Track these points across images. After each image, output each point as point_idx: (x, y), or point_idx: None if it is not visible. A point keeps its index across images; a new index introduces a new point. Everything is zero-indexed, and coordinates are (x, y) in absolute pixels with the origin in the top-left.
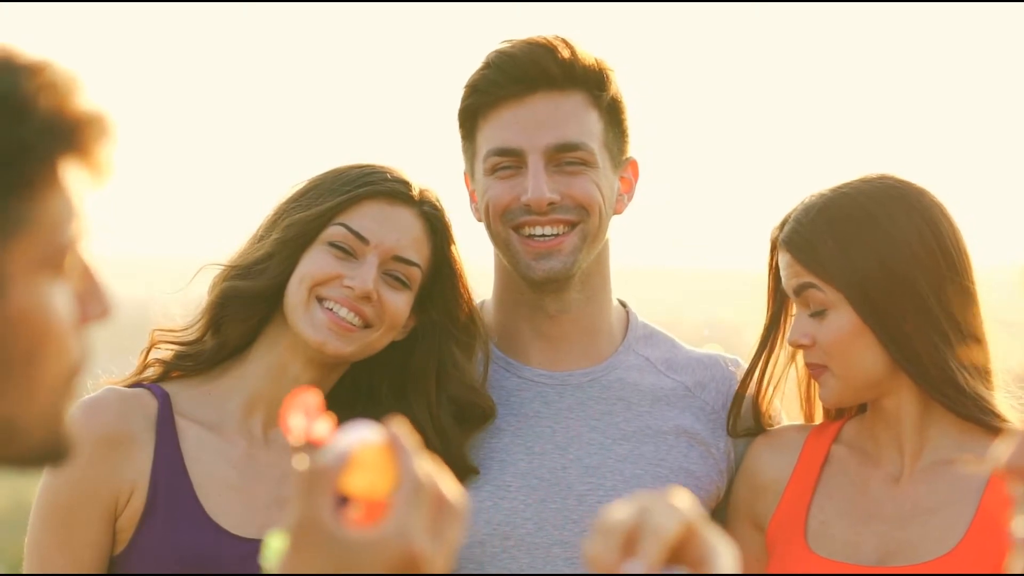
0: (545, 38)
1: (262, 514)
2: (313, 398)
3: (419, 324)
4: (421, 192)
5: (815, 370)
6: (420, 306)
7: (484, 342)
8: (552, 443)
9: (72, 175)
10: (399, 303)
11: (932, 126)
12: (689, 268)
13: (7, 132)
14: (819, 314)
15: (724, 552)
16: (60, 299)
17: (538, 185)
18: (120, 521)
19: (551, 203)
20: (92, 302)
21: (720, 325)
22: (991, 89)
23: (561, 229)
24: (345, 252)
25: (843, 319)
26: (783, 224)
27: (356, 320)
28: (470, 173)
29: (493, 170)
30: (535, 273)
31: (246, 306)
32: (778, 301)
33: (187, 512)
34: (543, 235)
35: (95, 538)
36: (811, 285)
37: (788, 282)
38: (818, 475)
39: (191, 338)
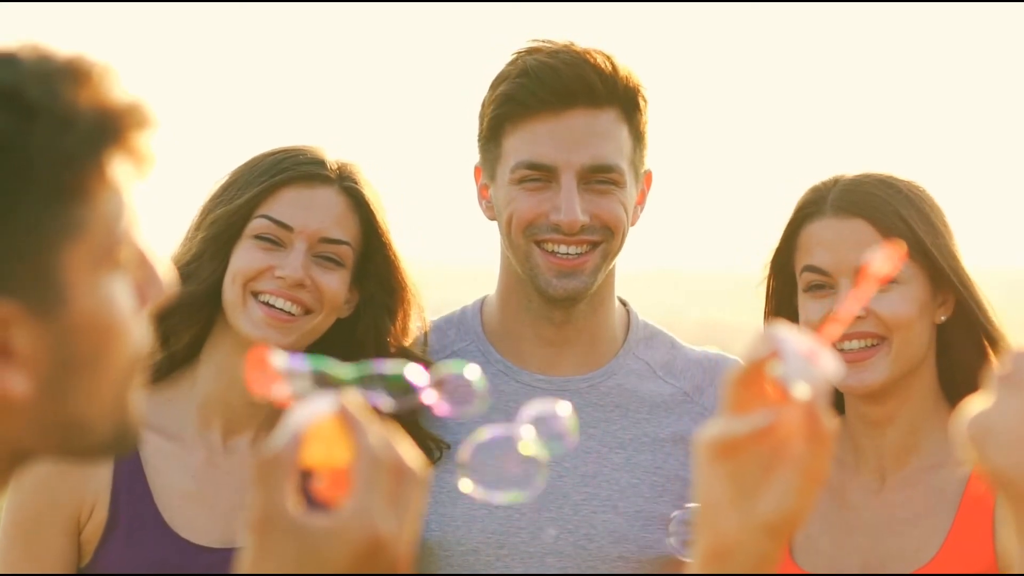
0: (585, 49)
1: (223, 523)
2: (272, 355)
3: (360, 299)
4: (339, 168)
5: (872, 346)
6: (357, 280)
7: (420, 308)
8: None
9: (119, 169)
10: (334, 283)
11: (933, 129)
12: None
13: (54, 142)
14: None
15: None
16: (120, 291)
17: (571, 207)
18: (84, 534)
19: (582, 225)
20: (150, 286)
21: (720, 326)
22: (990, 92)
23: (585, 248)
24: (271, 243)
25: (914, 293)
26: (818, 198)
27: (295, 309)
28: (489, 175)
29: (520, 181)
30: (555, 290)
31: (186, 311)
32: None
33: (148, 525)
34: (567, 253)
35: (60, 552)
36: None
37: (851, 254)
38: None
39: None
